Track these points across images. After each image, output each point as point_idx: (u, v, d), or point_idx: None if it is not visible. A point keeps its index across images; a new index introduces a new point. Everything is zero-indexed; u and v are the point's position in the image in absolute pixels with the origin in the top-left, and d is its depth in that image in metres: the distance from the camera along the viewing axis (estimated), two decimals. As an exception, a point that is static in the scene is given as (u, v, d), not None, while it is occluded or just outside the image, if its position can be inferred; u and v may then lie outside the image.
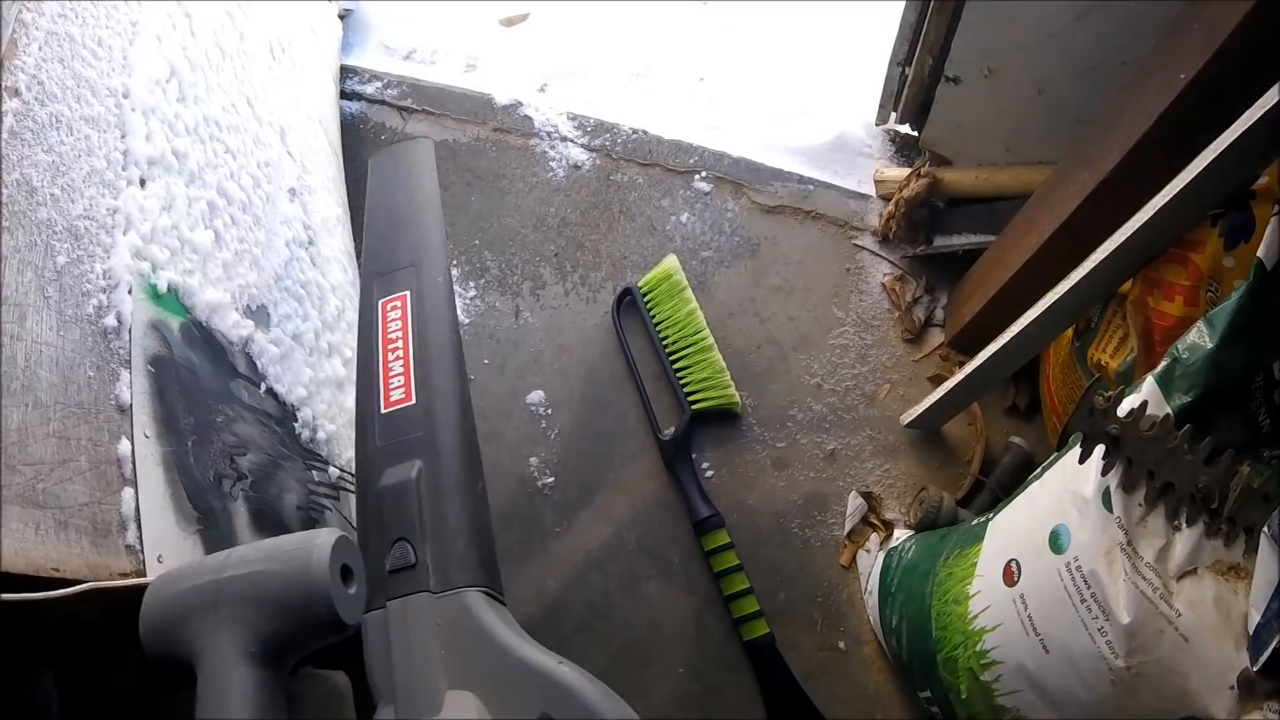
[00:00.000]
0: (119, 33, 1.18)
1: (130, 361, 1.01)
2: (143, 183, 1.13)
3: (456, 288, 1.92)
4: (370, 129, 2.19)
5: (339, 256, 1.72)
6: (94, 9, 1.14)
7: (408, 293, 1.29)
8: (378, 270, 1.33)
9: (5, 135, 0.93)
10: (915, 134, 1.89)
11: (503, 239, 1.98)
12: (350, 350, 1.59)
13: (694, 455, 1.70)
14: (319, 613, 0.77)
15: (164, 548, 0.96)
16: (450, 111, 2.18)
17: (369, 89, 2.24)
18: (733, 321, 1.83)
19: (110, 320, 1.00)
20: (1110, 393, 1.02)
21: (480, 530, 1.14)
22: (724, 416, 1.73)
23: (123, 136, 1.12)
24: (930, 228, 1.79)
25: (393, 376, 1.21)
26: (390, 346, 1.24)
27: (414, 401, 1.18)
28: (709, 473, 1.70)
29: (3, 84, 0.95)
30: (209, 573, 0.80)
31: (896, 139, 1.99)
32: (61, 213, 0.98)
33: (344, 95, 2.20)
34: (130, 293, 1.04)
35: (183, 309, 1.16)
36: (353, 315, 1.68)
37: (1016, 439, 1.61)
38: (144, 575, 0.91)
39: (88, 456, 0.91)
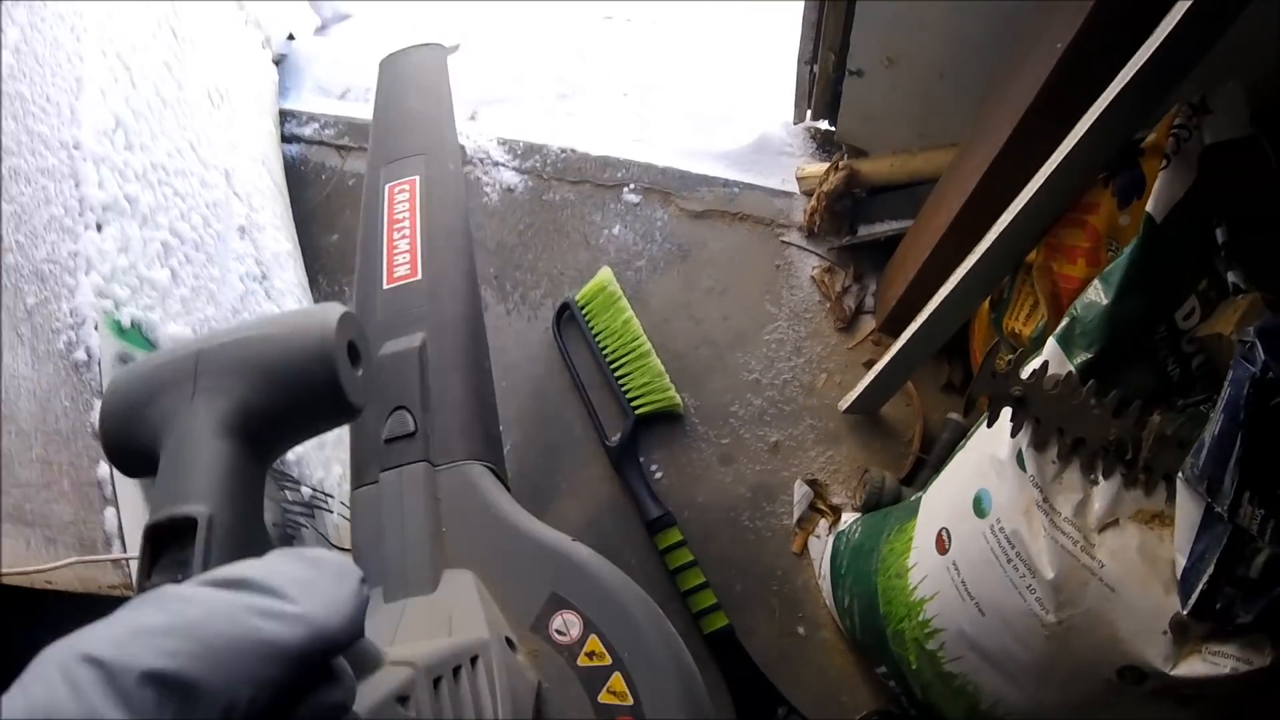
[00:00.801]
0: (65, 89, 1.24)
1: (102, 392, 1.05)
2: (99, 227, 1.18)
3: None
4: (311, 169, 2.21)
5: (293, 290, 1.76)
6: (39, 68, 1.20)
7: (416, 178, 1.29)
8: (385, 158, 1.33)
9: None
10: (832, 129, 1.93)
11: (442, 266, 1.99)
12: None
13: (641, 458, 1.72)
14: (319, 384, 0.61)
15: (147, 561, 0.98)
16: (385, 146, 2.19)
17: (307, 130, 2.27)
18: (669, 326, 1.85)
19: (80, 354, 1.05)
20: (1011, 355, 1.04)
21: (485, 406, 1.11)
22: (667, 418, 1.76)
23: (77, 185, 1.17)
24: (854, 218, 1.82)
25: (397, 255, 1.20)
26: (396, 226, 1.24)
27: (419, 277, 1.17)
28: (657, 474, 1.72)
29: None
30: (189, 345, 0.64)
31: (816, 135, 2.02)
32: (27, 258, 1.03)
33: (284, 139, 2.23)
34: (96, 329, 1.09)
35: (147, 342, 1.20)
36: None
37: (954, 415, 1.64)
38: (130, 589, 0.93)
39: (69, 479, 0.95)
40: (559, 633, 0.89)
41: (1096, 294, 1.02)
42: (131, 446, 0.63)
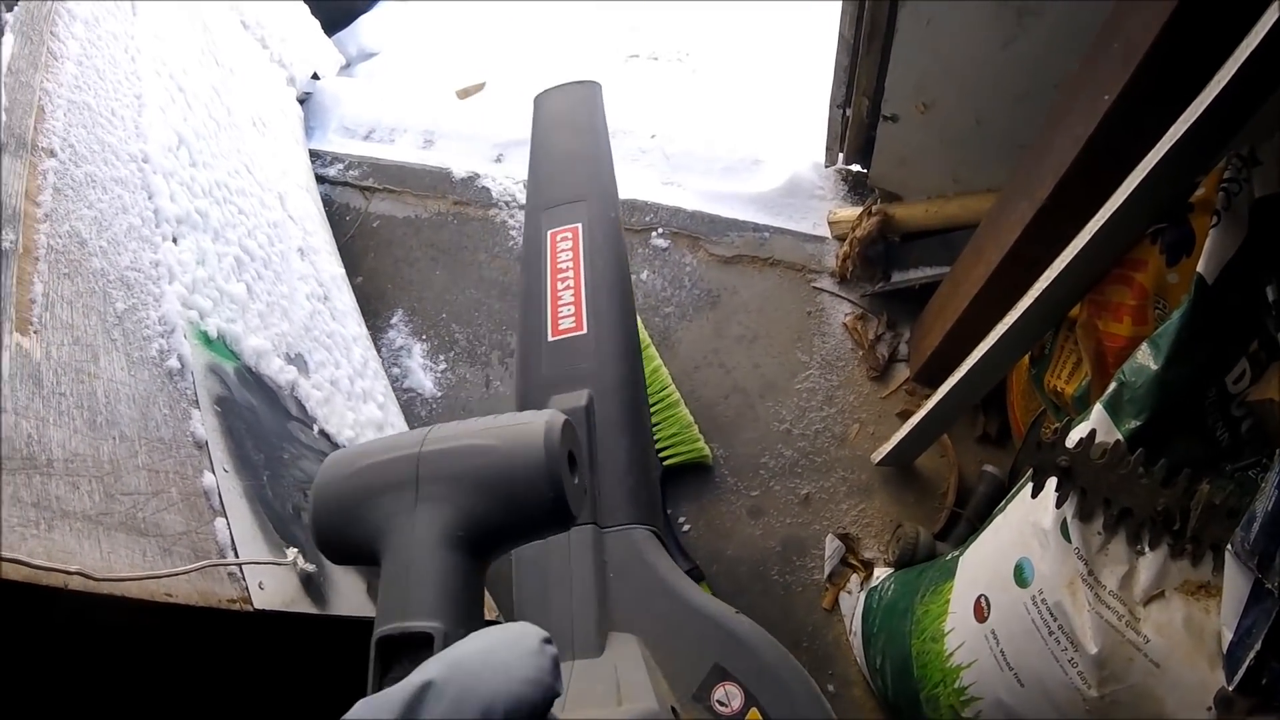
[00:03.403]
0: (128, 104, 1.27)
1: (198, 401, 1.06)
2: (175, 240, 1.20)
3: (426, 362, 1.92)
4: (335, 210, 2.20)
5: (351, 311, 1.80)
6: (102, 83, 1.23)
7: (579, 225, 1.32)
8: (545, 203, 1.36)
9: (50, 191, 1.00)
10: (864, 171, 1.90)
11: (469, 310, 1.99)
12: (382, 396, 1.66)
13: (669, 510, 1.69)
14: (543, 498, 0.62)
15: (262, 574, 0.97)
16: (410, 188, 2.20)
17: (331, 171, 2.27)
18: (698, 374, 1.83)
19: (174, 362, 1.06)
20: (1058, 424, 1.01)
21: (649, 468, 1.13)
22: (696, 469, 1.73)
23: (150, 197, 1.20)
24: (887, 264, 1.80)
25: (562, 305, 1.24)
26: (560, 276, 1.27)
27: (585, 331, 1.20)
28: (685, 527, 1.69)
29: (39, 144, 1.03)
30: (405, 447, 0.66)
31: (848, 178, 2.00)
32: (111, 264, 1.05)
33: (308, 179, 2.22)
34: (186, 338, 1.10)
35: (232, 354, 1.22)
36: (376, 365, 1.75)
37: (990, 467, 1.61)
38: (249, 602, 0.93)
39: (178, 488, 0.95)
40: (720, 703, 0.90)
41: (1146, 358, 0.98)
42: (346, 540, 0.65)
